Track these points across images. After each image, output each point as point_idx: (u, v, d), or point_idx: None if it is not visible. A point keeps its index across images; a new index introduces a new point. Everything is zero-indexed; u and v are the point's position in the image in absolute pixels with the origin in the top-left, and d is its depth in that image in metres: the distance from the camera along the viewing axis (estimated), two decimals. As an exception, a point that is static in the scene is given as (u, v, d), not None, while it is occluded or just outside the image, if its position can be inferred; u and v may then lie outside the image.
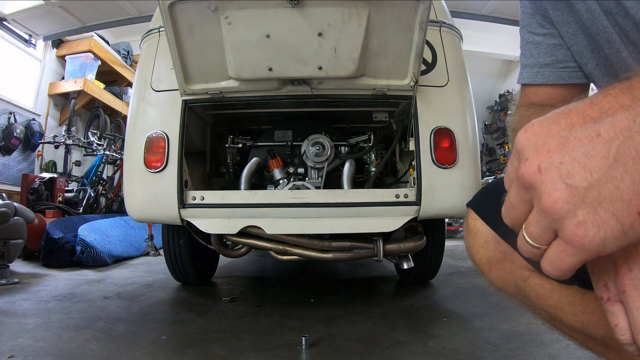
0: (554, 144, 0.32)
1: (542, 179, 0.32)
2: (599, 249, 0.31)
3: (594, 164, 0.31)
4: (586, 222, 0.31)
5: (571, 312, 0.61)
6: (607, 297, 0.37)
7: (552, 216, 0.32)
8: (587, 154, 0.31)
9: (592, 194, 0.31)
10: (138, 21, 5.71)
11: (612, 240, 0.31)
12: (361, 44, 1.65)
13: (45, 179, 4.64)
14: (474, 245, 0.71)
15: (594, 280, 0.39)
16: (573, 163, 0.31)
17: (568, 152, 0.32)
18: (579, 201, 0.31)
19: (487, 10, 5.82)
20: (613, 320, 0.36)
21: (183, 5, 1.55)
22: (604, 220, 0.31)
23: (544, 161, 0.32)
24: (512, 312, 1.77)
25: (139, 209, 1.91)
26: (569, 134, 0.32)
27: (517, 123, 0.71)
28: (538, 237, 0.34)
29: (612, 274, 0.36)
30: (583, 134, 0.32)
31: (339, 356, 1.37)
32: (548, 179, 0.32)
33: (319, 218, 1.83)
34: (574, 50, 0.71)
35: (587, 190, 0.31)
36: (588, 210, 0.31)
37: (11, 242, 2.73)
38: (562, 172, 0.32)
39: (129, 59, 7.21)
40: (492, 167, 8.52)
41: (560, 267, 0.34)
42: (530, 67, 0.76)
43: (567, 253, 0.33)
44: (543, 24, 0.74)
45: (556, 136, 0.33)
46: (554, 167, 0.32)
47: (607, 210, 0.30)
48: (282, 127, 2.40)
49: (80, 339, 1.50)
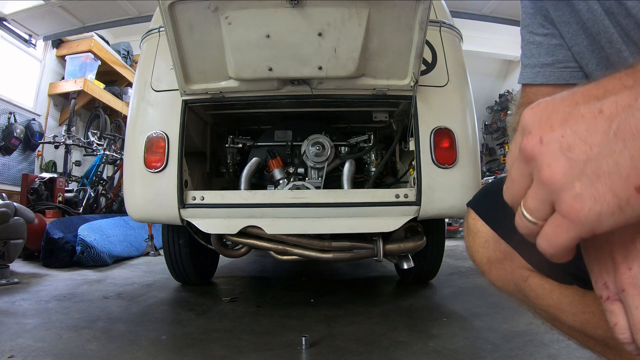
0: (557, 119, 0.33)
1: (542, 150, 0.33)
2: (594, 223, 0.31)
3: (595, 139, 0.31)
4: (583, 195, 0.31)
5: (571, 312, 0.61)
6: (607, 296, 0.37)
7: (550, 187, 0.33)
8: (588, 128, 0.32)
9: (590, 167, 0.31)
10: (138, 21, 5.71)
11: (608, 215, 0.31)
12: (361, 44, 1.65)
13: (45, 179, 4.63)
14: (474, 245, 0.71)
15: (593, 279, 0.39)
16: (574, 137, 0.32)
17: (570, 127, 0.32)
18: (578, 174, 0.31)
19: (487, 10, 5.82)
20: (612, 319, 0.36)
21: (183, 5, 1.55)
22: (601, 193, 0.31)
23: (545, 134, 0.33)
24: (512, 312, 1.77)
25: (139, 209, 1.91)
26: (573, 110, 0.33)
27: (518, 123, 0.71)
28: (535, 210, 0.34)
29: (611, 272, 0.36)
30: (586, 110, 0.32)
31: (339, 356, 1.37)
32: (548, 151, 0.33)
33: (319, 218, 1.83)
34: (575, 51, 0.70)
35: (585, 164, 0.31)
36: (586, 183, 0.31)
37: (11, 242, 2.73)
38: (563, 145, 0.32)
39: (129, 59, 7.21)
40: (492, 167, 8.52)
41: (556, 243, 0.34)
42: (531, 67, 0.76)
43: (563, 227, 0.33)
44: (544, 24, 0.73)
45: (560, 112, 0.33)
46: (555, 140, 0.32)
47: (604, 184, 0.31)
48: (282, 127, 2.40)
49: (80, 339, 1.50)
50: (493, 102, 8.81)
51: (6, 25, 5.32)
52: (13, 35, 5.47)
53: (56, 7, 5.26)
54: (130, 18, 5.77)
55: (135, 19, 5.74)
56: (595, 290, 0.39)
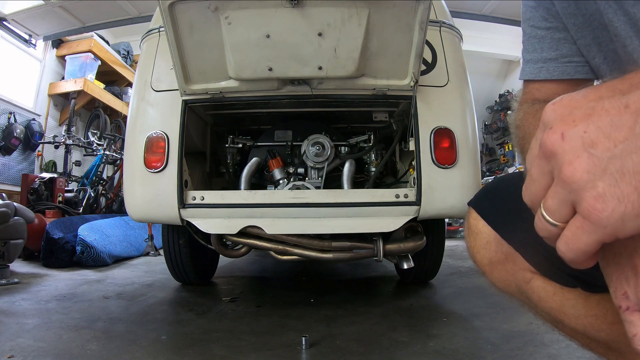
0: (580, 114, 0.31)
1: (564, 147, 0.31)
2: (617, 225, 0.29)
3: (619, 135, 0.30)
4: (606, 195, 0.29)
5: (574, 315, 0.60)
6: (626, 307, 0.35)
7: (571, 186, 0.31)
8: (613, 124, 0.30)
9: (614, 166, 0.29)
10: (138, 21, 5.71)
11: (632, 217, 0.29)
12: (361, 44, 1.65)
13: (45, 179, 4.63)
14: (476, 245, 0.70)
15: (611, 288, 0.37)
16: (598, 132, 0.30)
17: (594, 122, 0.30)
18: (600, 172, 0.29)
19: (487, 10, 5.82)
20: (632, 330, 0.34)
21: (183, 5, 1.55)
22: (625, 193, 0.29)
23: (567, 129, 0.31)
24: (512, 312, 1.77)
25: (139, 209, 1.91)
26: (597, 104, 0.31)
27: (522, 120, 0.68)
28: (555, 211, 0.32)
29: (632, 281, 0.34)
30: (610, 105, 0.31)
31: (339, 356, 1.37)
32: (570, 147, 0.31)
33: (319, 218, 1.83)
34: (581, 44, 0.68)
35: (609, 161, 0.29)
36: (609, 182, 0.29)
37: (11, 242, 2.72)
38: (586, 141, 0.30)
39: (129, 59, 7.20)
40: (492, 167, 8.52)
41: (576, 247, 0.32)
42: (534, 62, 0.73)
43: (584, 230, 0.31)
44: (547, 17, 0.71)
45: (583, 107, 0.32)
46: (577, 136, 0.31)
47: (629, 184, 0.29)
48: (282, 127, 2.40)
49: (80, 339, 1.50)
50: (493, 102, 8.80)
51: (6, 25, 5.32)
52: (13, 35, 5.47)
53: (56, 7, 5.26)
54: (130, 18, 5.76)
55: (135, 19, 5.74)
56: (613, 300, 0.37)
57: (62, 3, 5.24)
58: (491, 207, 0.68)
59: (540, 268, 0.62)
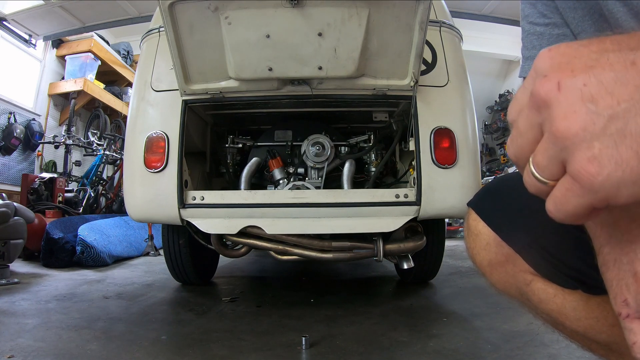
0: (580, 64, 0.28)
1: (559, 97, 0.28)
2: (611, 191, 0.27)
3: (624, 92, 0.26)
4: (602, 157, 0.26)
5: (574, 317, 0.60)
6: (627, 314, 0.34)
7: (563, 142, 0.28)
8: (617, 79, 0.27)
9: (615, 126, 0.26)
10: (138, 21, 5.71)
11: (629, 184, 0.26)
12: (361, 44, 1.65)
13: (45, 179, 4.63)
14: (475, 246, 0.69)
15: (611, 295, 0.36)
16: (599, 87, 0.27)
17: (596, 75, 0.27)
18: (599, 131, 0.26)
19: (487, 10, 5.82)
20: (631, 338, 0.34)
21: (183, 5, 1.55)
22: (624, 157, 0.26)
23: (565, 79, 0.28)
24: (512, 312, 1.77)
25: (139, 209, 1.91)
26: (600, 56, 0.28)
27: None
28: (544, 167, 0.30)
29: (633, 289, 0.33)
30: (616, 59, 0.27)
31: (339, 356, 1.37)
32: (566, 98, 0.28)
33: (319, 218, 1.83)
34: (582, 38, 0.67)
35: (610, 120, 0.26)
36: (607, 144, 0.26)
37: (11, 242, 2.72)
38: (585, 95, 0.27)
39: (129, 59, 7.20)
40: (492, 167, 8.52)
41: (564, 208, 0.29)
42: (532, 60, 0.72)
43: (574, 192, 0.28)
44: (545, 13, 0.70)
45: (585, 57, 0.28)
46: (576, 87, 0.27)
47: (629, 147, 0.26)
48: (282, 127, 2.40)
49: (80, 339, 1.50)
50: (493, 102, 8.81)
51: (6, 25, 5.32)
52: (13, 35, 5.47)
53: (56, 7, 5.26)
54: (130, 18, 5.76)
55: (135, 19, 5.74)
56: (613, 307, 0.36)
57: (62, 3, 5.24)
58: (491, 208, 0.68)
59: (541, 270, 0.62)
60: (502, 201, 0.68)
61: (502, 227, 0.65)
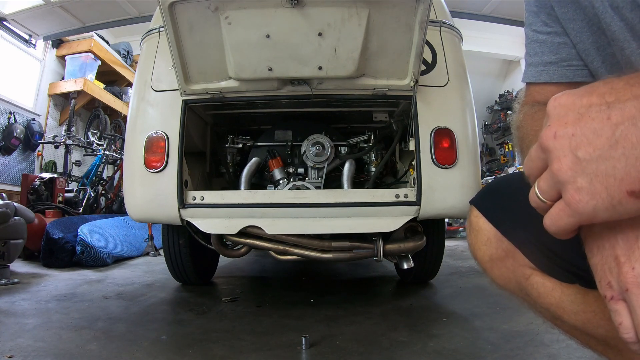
0: (572, 117, 0.37)
1: (555, 145, 0.37)
2: (591, 214, 0.36)
3: (599, 142, 0.35)
4: (583, 189, 0.36)
5: (572, 311, 0.61)
6: (611, 296, 0.38)
7: (557, 178, 0.37)
8: (595, 132, 0.36)
9: (591, 167, 0.35)
10: (138, 21, 5.71)
11: (602, 210, 0.35)
12: (361, 44, 1.65)
13: (45, 179, 4.63)
14: (476, 242, 0.71)
15: (597, 278, 0.40)
16: (582, 137, 0.36)
17: (580, 127, 0.36)
18: (580, 170, 0.36)
19: (487, 10, 5.82)
20: (617, 319, 0.37)
21: (183, 5, 1.55)
22: (597, 191, 0.35)
23: (560, 130, 0.37)
24: (512, 312, 1.77)
25: (139, 209, 1.91)
26: (586, 111, 0.37)
27: (522, 121, 0.71)
28: (545, 192, 0.39)
29: (615, 272, 0.38)
30: (597, 114, 0.36)
31: (339, 356, 1.37)
32: (560, 146, 0.37)
33: (319, 218, 1.83)
34: (580, 48, 0.70)
35: (588, 163, 0.35)
36: (586, 180, 0.35)
37: (11, 242, 2.72)
38: (572, 143, 0.36)
39: (129, 59, 7.20)
40: (492, 167, 8.52)
41: (558, 224, 0.38)
42: (535, 66, 0.75)
43: (565, 213, 0.37)
44: (547, 22, 0.73)
45: (576, 111, 0.37)
46: (566, 137, 0.37)
47: (601, 183, 0.35)
48: (282, 127, 2.40)
49: (80, 339, 1.50)
50: (493, 102, 8.80)
51: (6, 25, 5.32)
52: (13, 35, 5.47)
53: (56, 7, 5.26)
54: (130, 18, 5.77)
55: (135, 19, 5.74)
56: (599, 290, 0.40)
57: (62, 3, 5.24)
58: (492, 204, 0.70)
59: (540, 264, 0.64)
60: (503, 199, 0.70)
61: (502, 223, 0.67)
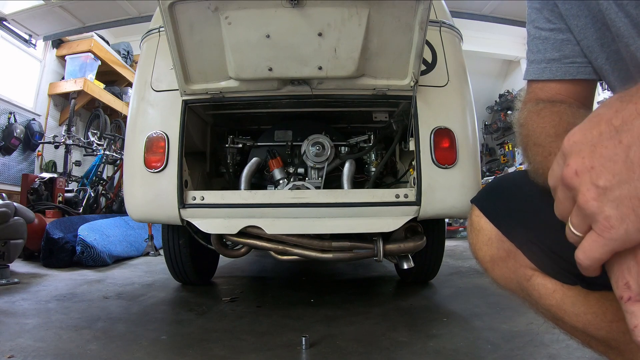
0: (587, 151, 0.38)
1: (578, 181, 0.38)
2: (624, 238, 0.36)
3: (616, 167, 0.36)
4: (611, 217, 0.36)
5: (573, 312, 0.60)
6: (628, 297, 0.37)
7: (586, 211, 0.38)
8: (610, 159, 0.36)
9: (614, 194, 0.36)
10: (138, 21, 5.71)
11: (634, 231, 0.35)
12: (361, 44, 1.65)
13: (45, 179, 4.63)
14: (477, 242, 0.70)
15: (613, 279, 0.39)
16: (600, 167, 0.37)
17: (597, 158, 0.37)
18: (605, 199, 0.36)
19: (487, 10, 5.82)
20: (633, 321, 0.36)
21: (183, 5, 1.55)
22: (625, 214, 0.35)
23: (579, 166, 0.38)
24: (512, 312, 1.77)
25: (139, 209, 1.91)
26: (598, 141, 0.38)
27: (526, 118, 0.70)
28: (577, 225, 0.40)
29: (634, 271, 0.37)
30: (608, 142, 0.37)
31: (339, 356, 1.37)
32: (582, 181, 0.38)
33: (319, 218, 1.83)
34: (584, 45, 0.69)
35: (610, 190, 0.36)
36: (612, 207, 0.36)
37: (11, 242, 2.72)
38: (593, 176, 0.37)
39: (129, 59, 7.20)
40: (492, 167, 8.52)
41: (591, 255, 0.38)
42: (537, 63, 0.74)
43: (598, 243, 0.37)
44: (550, 18, 0.72)
45: (589, 144, 0.38)
46: (586, 171, 0.38)
47: (627, 207, 0.35)
48: (282, 127, 2.40)
49: (80, 339, 1.50)
50: (493, 102, 8.80)
51: (6, 25, 5.32)
52: (13, 35, 5.47)
53: (56, 7, 5.26)
54: (130, 18, 5.77)
55: (135, 19, 5.74)
56: (614, 291, 0.39)
57: (62, 3, 5.24)
58: (493, 204, 0.69)
59: (541, 265, 0.63)
60: (504, 198, 0.69)
61: (503, 223, 0.66)
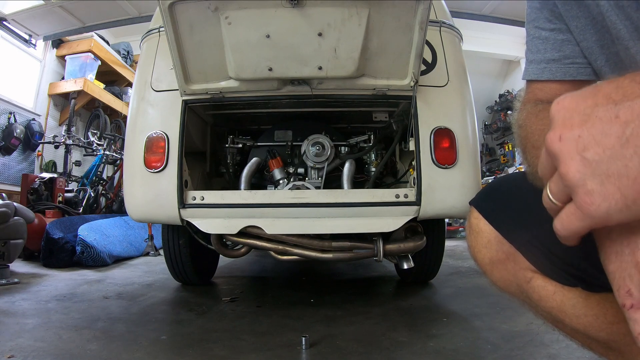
0: (577, 119, 0.36)
1: (561, 148, 0.36)
2: (603, 217, 0.34)
3: (608, 142, 0.34)
4: (594, 192, 0.34)
5: (574, 314, 0.60)
6: (630, 304, 0.36)
7: (565, 182, 0.36)
8: (603, 132, 0.34)
9: (601, 168, 0.34)
10: (138, 21, 5.71)
11: (615, 211, 0.33)
12: (361, 44, 1.65)
13: (45, 179, 4.63)
14: (477, 244, 0.70)
15: (615, 286, 0.38)
16: (590, 138, 0.35)
17: (587, 129, 0.35)
18: (590, 173, 0.34)
19: (487, 10, 5.82)
20: (636, 329, 0.35)
21: (183, 5, 1.55)
22: (609, 192, 0.33)
23: (565, 133, 0.36)
24: (512, 312, 1.77)
25: (139, 209, 1.91)
26: (592, 112, 0.35)
27: (524, 119, 0.69)
28: (555, 194, 0.38)
29: (635, 279, 0.35)
30: (604, 114, 0.35)
31: (339, 356, 1.37)
32: (566, 149, 0.36)
33: (319, 218, 1.83)
34: (583, 46, 0.69)
35: (597, 164, 0.34)
36: (596, 182, 0.34)
37: (11, 242, 2.72)
38: (579, 145, 0.35)
39: (129, 59, 7.20)
40: (492, 167, 8.51)
41: (569, 228, 0.37)
42: (537, 63, 0.73)
43: (576, 216, 0.36)
44: (551, 18, 0.71)
45: (581, 112, 0.36)
46: (572, 140, 0.35)
47: (613, 184, 0.33)
48: (282, 127, 2.40)
49: (80, 339, 1.50)
50: (493, 102, 8.80)
51: (6, 25, 5.31)
52: (13, 35, 5.47)
53: (56, 7, 5.26)
54: (130, 18, 5.76)
55: (135, 19, 5.74)
56: (617, 298, 0.38)
57: (62, 3, 5.24)
58: (492, 206, 0.69)
59: (541, 267, 0.63)
60: (504, 200, 0.69)
61: (503, 225, 0.66)
